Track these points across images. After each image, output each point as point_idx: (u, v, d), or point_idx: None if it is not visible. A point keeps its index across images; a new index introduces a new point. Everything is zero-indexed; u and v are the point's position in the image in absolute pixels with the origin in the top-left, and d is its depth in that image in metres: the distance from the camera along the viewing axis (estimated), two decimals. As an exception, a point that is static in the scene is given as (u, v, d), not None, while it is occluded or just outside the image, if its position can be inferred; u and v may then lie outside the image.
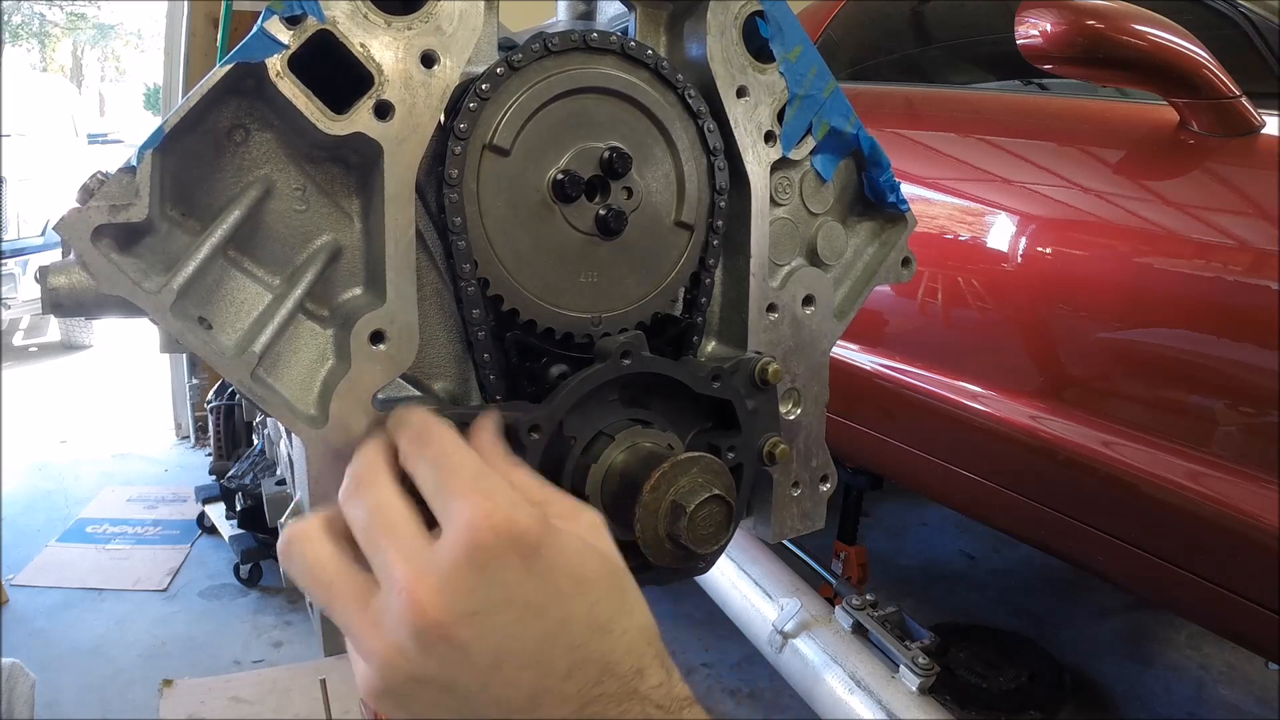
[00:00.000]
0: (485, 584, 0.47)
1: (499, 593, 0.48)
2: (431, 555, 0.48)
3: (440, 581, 0.47)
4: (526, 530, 0.48)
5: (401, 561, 0.48)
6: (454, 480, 0.50)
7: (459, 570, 0.47)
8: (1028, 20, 1.46)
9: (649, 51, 0.72)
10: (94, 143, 9.83)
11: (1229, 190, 1.49)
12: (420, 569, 0.47)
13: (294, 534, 0.53)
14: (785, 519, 0.87)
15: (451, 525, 0.48)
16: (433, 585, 0.47)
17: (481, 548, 0.47)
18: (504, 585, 0.48)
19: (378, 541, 0.50)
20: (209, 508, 3.53)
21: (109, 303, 0.58)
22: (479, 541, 0.47)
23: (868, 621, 1.82)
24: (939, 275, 1.87)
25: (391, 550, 0.49)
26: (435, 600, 0.46)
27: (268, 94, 0.61)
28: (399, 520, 0.50)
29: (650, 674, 0.50)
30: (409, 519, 0.50)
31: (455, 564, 0.47)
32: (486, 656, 0.47)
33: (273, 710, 2.50)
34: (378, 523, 0.50)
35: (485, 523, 0.47)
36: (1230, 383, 1.44)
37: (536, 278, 0.70)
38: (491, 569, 0.47)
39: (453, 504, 0.49)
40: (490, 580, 0.47)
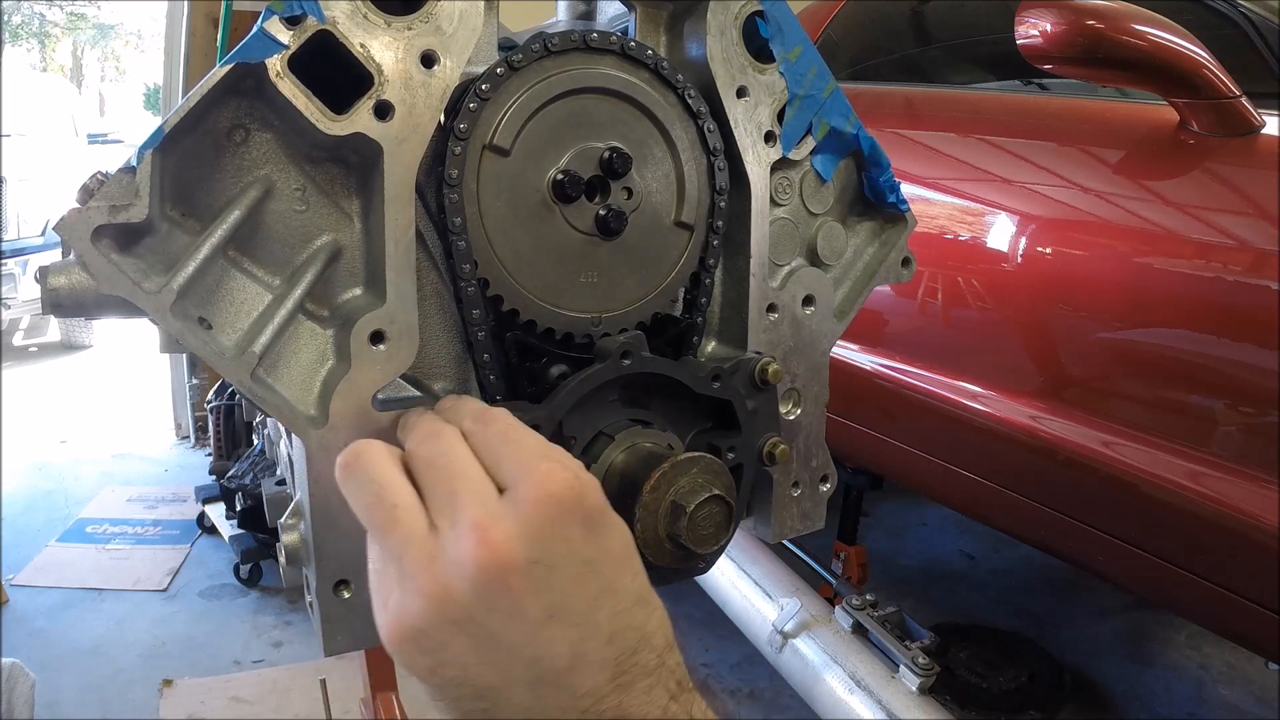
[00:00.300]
0: (552, 538, 0.48)
1: (563, 548, 0.49)
2: (505, 504, 0.49)
3: (512, 527, 0.48)
4: (592, 494, 0.51)
5: (476, 504, 0.49)
6: (522, 448, 0.52)
7: (530, 520, 0.48)
8: (1028, 20, 1.46)
9: (649, 52, 0.72)
10: (94, 143, 9.83)
11: (1229, 190, 1.49)
12: (494, 514, 0.48)
13: (363, 449, 0.52)
14: (785, 519, 0.87)
15: (524, 482, 0.49)
16: (504, 530, 0.47)
17: (554, 502, 0.49)
18: (568, 542, 0.49)
19: (453, 485, 0.50)
20: (209, 508, 3.53)
21: (109, 303, 0.58)
22: (553, 496, 0.49)
23: (868, 621, 1.82)
24: (939, 275, 1.87)
25: (465, 491, 0.49)
26: (504, 545, 0.47)
27: (268, 94, 0.61)
28: (473, 469, 0.51)
29: (675, 651, 0.52)
30: (480, 472, 0.51)
31: (527, 513, 0.48)
32: (538, 609, 0.47)
33: (273, 710, 2.50)
34: (454, 468, 0.51)
35: (560, 480, 0.49)
36: (1230, 383, 1.44)
37: (536, 278, 0.70)
38: (559, 525, 0.49)
39: (524, 467, 0.50)
40: (556, 536, 0.49)
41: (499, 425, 0.55)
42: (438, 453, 0.52)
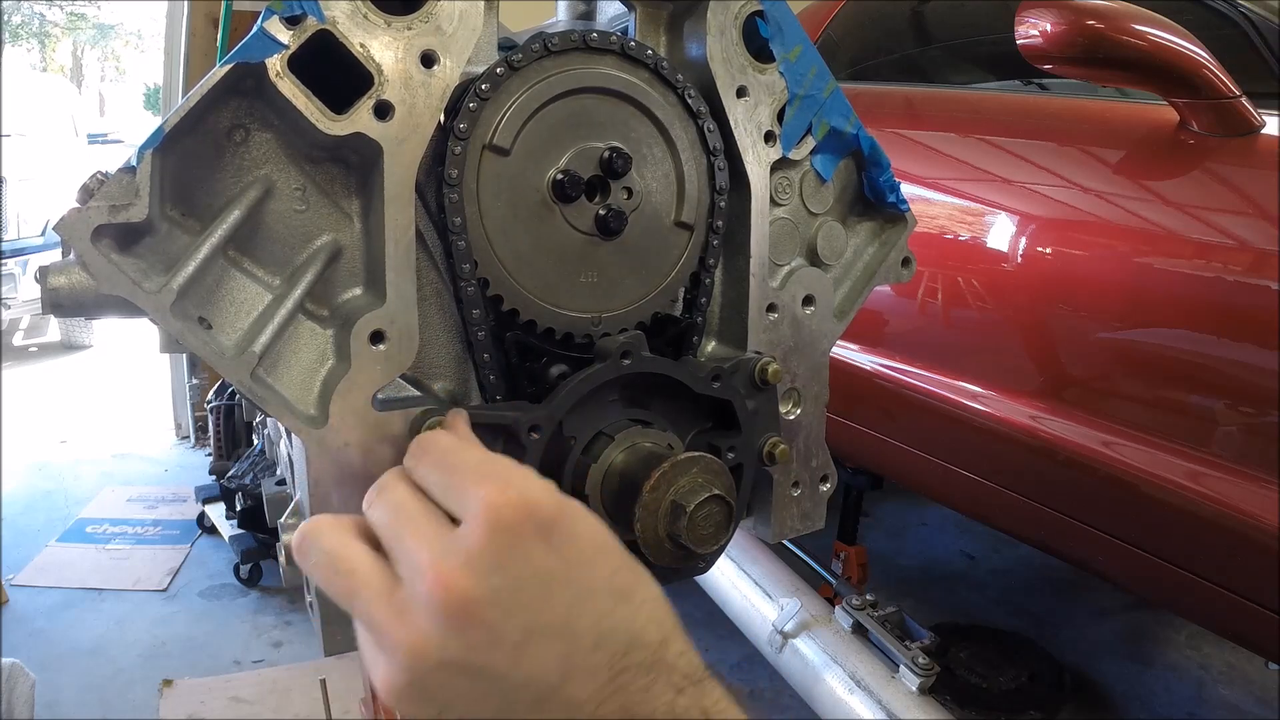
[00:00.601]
0: (509, 560, 0.48)
1: (522, 567, 0.48)
2: (454, 539, 0.49)
3: (464, 561, 0.47)
4: (542, 503, 0.50)
5: (425, 547, 0.48)
6: (462, 472, 0.51)
7: (482, 549, 0.47)
8: (1028, 20, 1.46)
9: (649, 51, 0.72)
10: (94, 143, 9.83)
11: (1229, 190, 1.49)
12: (444, 551, 0.48)
13: (310, 527, 0.53)
14: (785, 519, 0.87)
15: (469, 510, 0.49)
16: (456, 565, 0.47)
17: (501, 525, 0.48)
18: (526, 559, 0.48)
19: (400, 533, 0.50)
20: (209, 508, 3.53)
21: (109, 303, 0.58)
22: (499, 519, 0.48)
23: (868, 621, 1.82)
24: (939, 275, 1.87)
25: (414, 538, 0.49)
26: (460, 580, 0.47)
27: (268, 94, 0.61)
28: (418, 513, 0.51)
29: (673, 642, 0.50)
30: (428, 511, 0.51)
31: (478, 543, 0.48)
32: (515, 633, 0.47)
33: (273, 710, 2.50)
34: (399, 517, 0.51)
35: (502, 501, 0.48)
36: (1230, 383, 1.44)
37: (536, 278, 0.70)
38: (513, 545, 0.48)
39: (466, 493, 0.50)
40: (513, 556, 0.48)
41: (436, 453, 0.54)
42: (385, 506, 0.52)
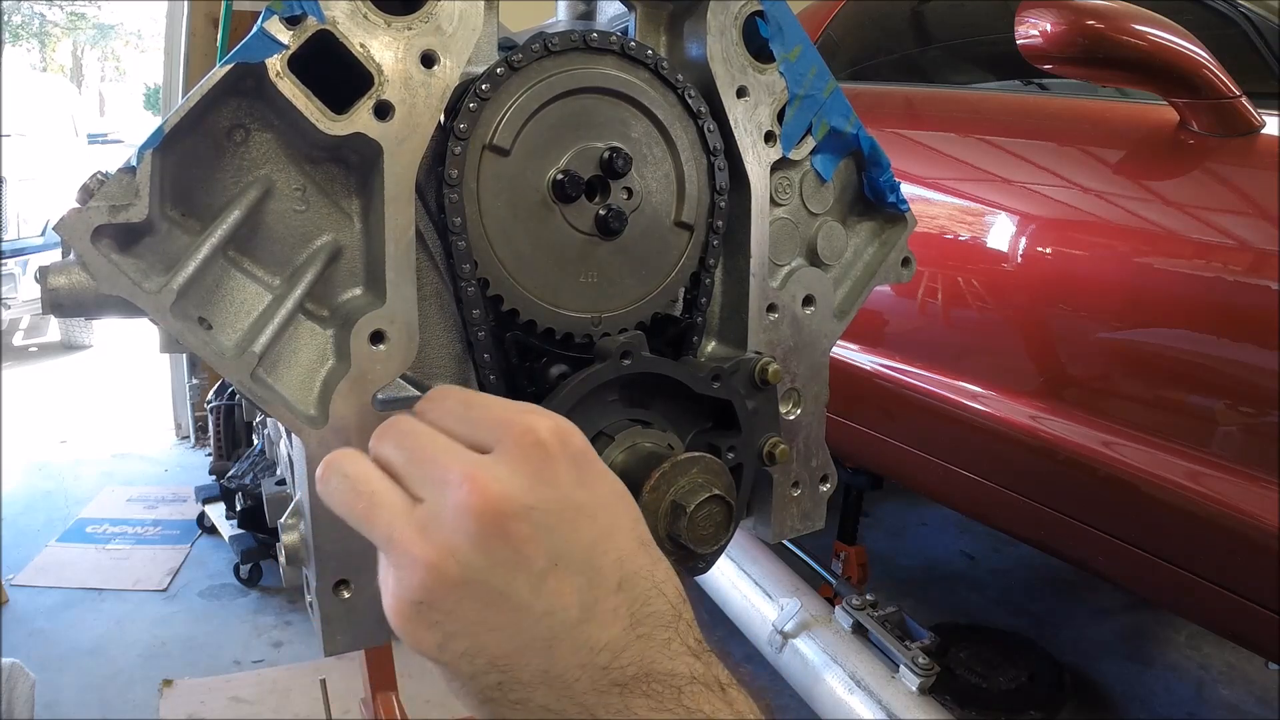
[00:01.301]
0: (542, 482, 0.47)
1: (555, 491, 0.47)
2: (486, 459, 0.47)
3: (503, 471, 0.46)
4: (576, 439, 0.49)
5: (459, 461, 0.47)
6: (490, 410, 0.50)
7: (519, 466, 0.47)
8: (1028, 20, 1.46)
9: (649, 52, 0.72)
10: (94, 143, 9.83)
11: (1229, 190, 1.49)
12: (481, 462, 0.47)
13: (333, 456, 0.51)
14: (785, 519, 0.87)
15: (506, 435, 0.48)
16: (496, 474, 0.46)
17: (539, 447, 0.47)
18: (559, 485, 0.47)
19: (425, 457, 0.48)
20: (209, 508, 3.53)
21: (109, 303, 0.58)
22: (536, 440, 0.47)
23: (868, 621, 1.82)
24: (939, 275, 1.87)
25: (444, 455, 0.48)
26: (498, 489, 0.45)
27: (268, 94, 0.61)
28: (441, 439, 0.49)
29: (689, 606, 0.50)
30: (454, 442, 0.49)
31: (515, 460, 0.47)
32: (541, 558, 0.46)
33: (273, 710, 2.50)
34: (422, 445, 0.49)
35: (543, 428, 0.48)
36: (1230, 383, 1.44)
37: (536, 278, 0.70)
38: (548, 469, 0.47)
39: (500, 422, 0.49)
40: (546, 480, 0.47)
41: (456, 396, 0.53)
42: (402, 436, 0.50)
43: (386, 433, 0.51)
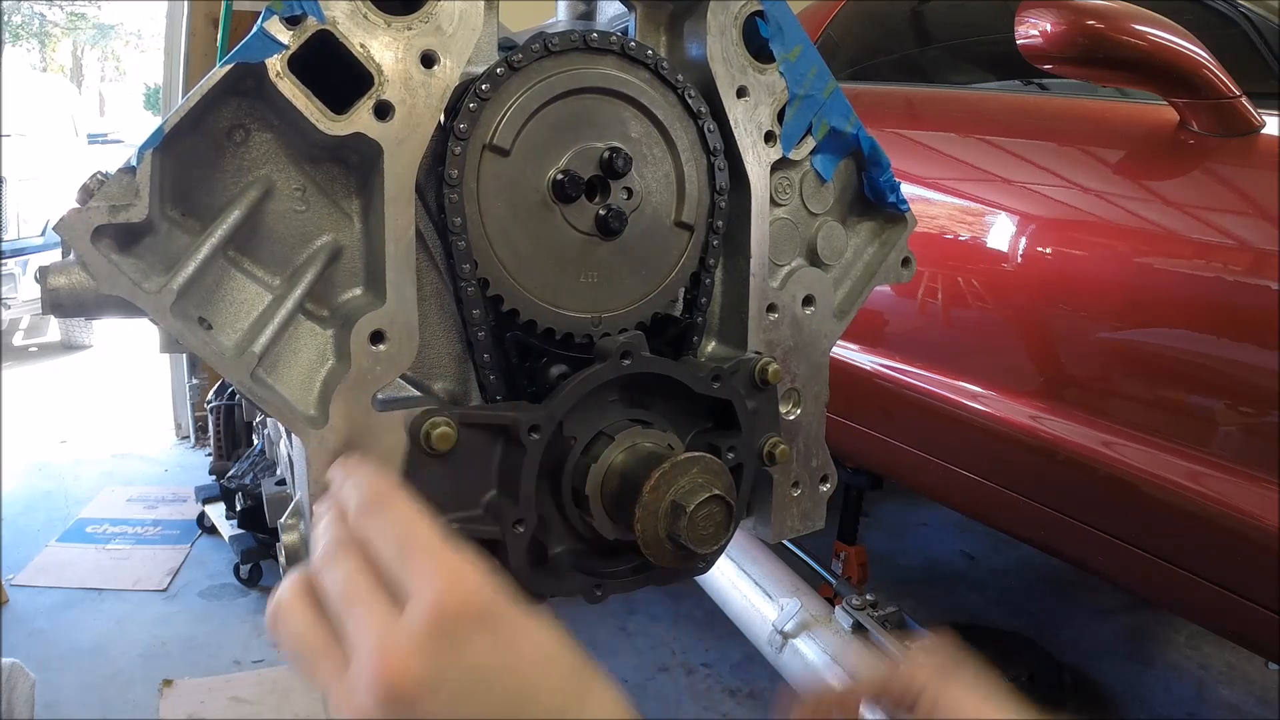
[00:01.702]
0: (450, 652, 0.47)
1: (464, 661, 0.48)
2: (399, 624, 0.49)
3: (405, 650, 0.47)
4: (492, 602, 0.49)
5: (369, 629, 0.49)
6: (418, 555, 0.51)
7: (424, 639, 0.47)
8: (1028, 20, 1.46)
9: (649, 52, 0.72)
10: (94, 143, 9.83)
11: (1229, 190, 1.49)
12: (386, 638, 0.48)
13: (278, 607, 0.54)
14: (785, 519, 0.87)
15: (418, 595, 0.49)
16: (398, 651, 0.47)
17: (447, 617, 0.48)
18: (469, 654, 0.48)
19: (349, 610, 0.51)
20: (209, 508, 3.53)
21: (109, 303, 0.58)
22: (445, 611, 0.48)
23: (868, 621, 1.82)
24: (939, 275, 1.87)
25: (362, 617, 0.50)
26: (400, 668, 0.47)
27: (268, 94, 0.61)
28: (366, 591, 0.51)
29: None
30: (375, 590, 0.51)
31: (421, 633, 0.48)
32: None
33: (273, 710, 2.50)
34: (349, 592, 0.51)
35: (451, 592, 0.48)
36: (1230, 383, 1.44)
37: (536, 278, 0.70)
38: (457, 638, 0.48)
39: (418, 575, 0.50)
40: (455, 649, 0.48)
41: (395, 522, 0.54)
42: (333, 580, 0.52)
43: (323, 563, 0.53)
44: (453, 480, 0.68)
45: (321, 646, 0.51)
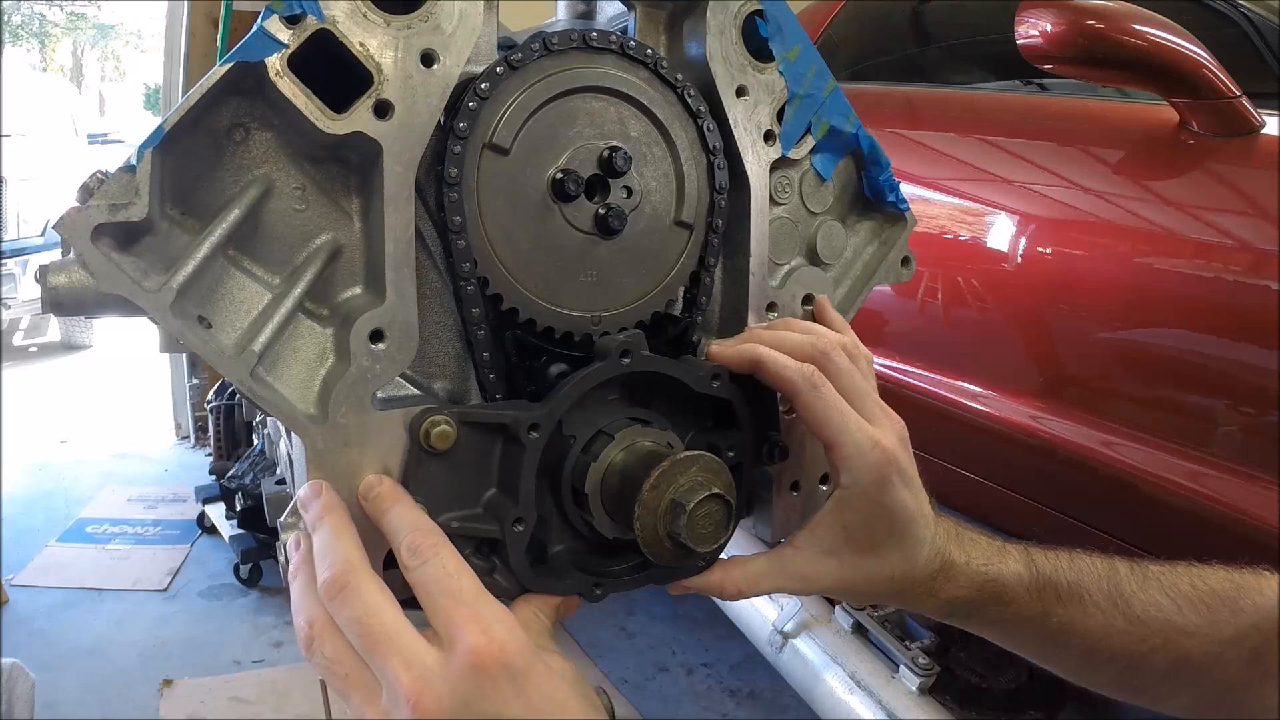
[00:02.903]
0: (479, 699, 0.52)
1: (490, 708, 0.52)
2: (434, 668, 0.53)
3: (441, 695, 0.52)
4: (520, 655, 0.54)
5: (405, 671, 0.52)
6: (457, 604, 0.55)
7: (458, 687, 0.52)
8: (1028, 20, 1.46)
9: (648, 51, 0.72)
10: (94, 143, 9.83)
11: (1229, 190, 1.49)
12: (423, 681, 0.52)
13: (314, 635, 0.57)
14: (785, 519, 0.87)
15: (454, 645, 0.53)
16: (434, 698, 0.51)
17: (480, 666, 0.52)
18: (495, 702, 0.52)
19: (378, 648, 0.54)
20: (209, 508, 3.53)
21: (109, 302, 0.58)
22: (479, 664, 0.52)
23: (868, 621, 1.82)
24: (939, 275, 1.87)
25: (394, 658, 0.53)
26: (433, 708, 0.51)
27: (267, 93, 0.61)
28: (394, 627, 0.54)
29: None
30: (404, 626, 0.55)
31: (455, 676, 0.52)
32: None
33: (273, 710, 2.50)
34: (374, 629, 0.54)
35: (486, 648, 0.53)
36: (1230, 383, 1.44)
37: (536, 277, 0.70)
38: (487, 688, 0.52)
39: (455, 625, 0.54)
40: (483, 697, 0.52)
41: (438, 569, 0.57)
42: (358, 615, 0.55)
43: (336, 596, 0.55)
44: (452, 479, 0.68)
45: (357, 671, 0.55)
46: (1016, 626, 0.75)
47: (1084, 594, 0.73)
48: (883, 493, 0.69)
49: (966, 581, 0.73)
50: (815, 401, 0.69)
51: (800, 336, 0.73)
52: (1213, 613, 0.73)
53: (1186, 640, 0.72)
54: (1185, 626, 0.73)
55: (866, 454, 0.68)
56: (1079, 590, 0.73)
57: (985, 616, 0.75)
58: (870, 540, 0.71)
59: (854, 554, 0.72)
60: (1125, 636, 0.73)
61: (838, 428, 0.69)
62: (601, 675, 2.62)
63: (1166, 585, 0.74)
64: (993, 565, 0.73)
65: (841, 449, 0.69)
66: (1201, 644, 0.72)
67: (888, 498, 0.69)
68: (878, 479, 0.69)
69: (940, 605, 0.74)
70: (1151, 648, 0.73)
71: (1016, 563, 0.74)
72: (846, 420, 0.69)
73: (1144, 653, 0.73)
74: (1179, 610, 0.73)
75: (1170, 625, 0.72)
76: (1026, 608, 0.73)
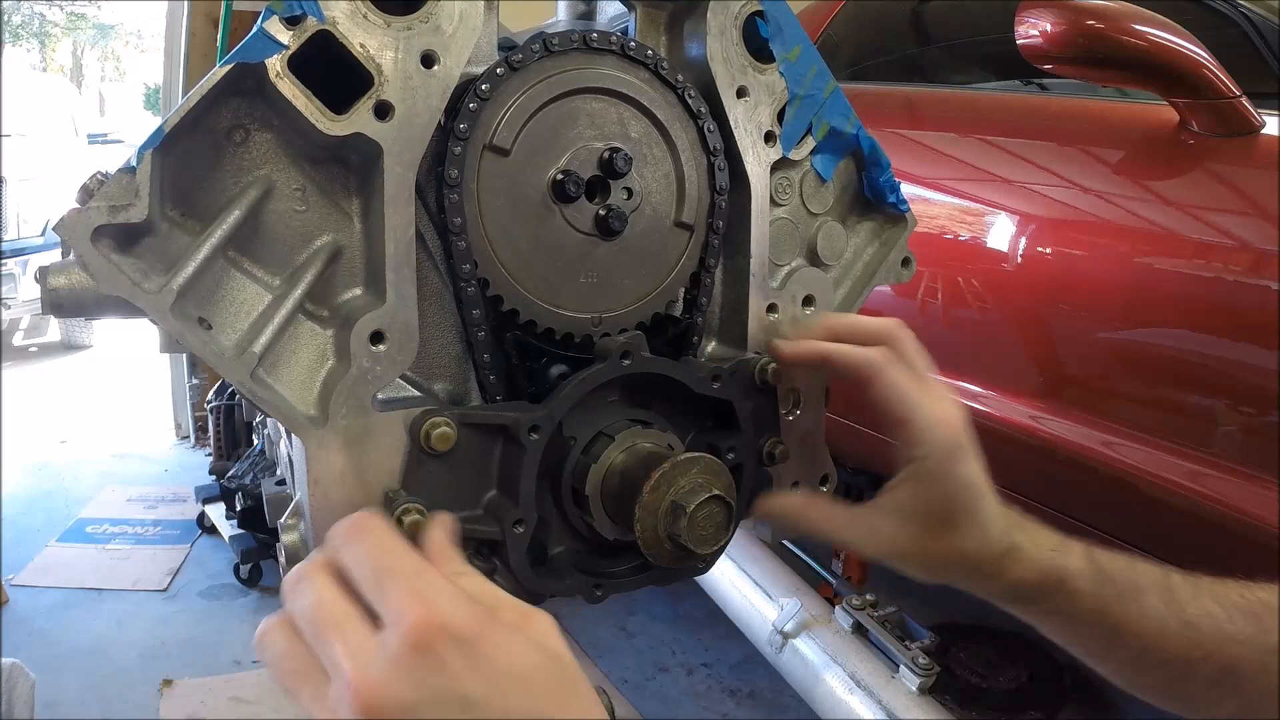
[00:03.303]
0: (426, 678, 0.48)
1: (439, 687, 0.49)
2: (373, 651, 0.49)
3: (381, 677, 0.48)
4: (465, 626, 0.50)
5: (346, 657, 0.49)
6: (392, 578, 0.52)
7: (399, 666, 0.48)
8: (1028, 20, 1.46)
9: (649, 52, 0.72)
10: (94, 143, 9.82)
11: (1229, 190, 1.49)
12: (363, 664, 0.49)
13: (263, 631, 0.55)
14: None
15: (393, 620, 0.50)
16: (374, 681, 0.48)
17: (421, 644, 0.49)
18: (444, 679, 0.49)
19: (322, 637, 0.51)
20: (209, 508, 3.53)
21: (109, 303, 0.58)
22: (419, 638, 0.49)
23: (868, 621, 1.82)
24: (939, 275, 1.87)
25: (336, 645, 0.50)
26: (376, 689, 0.48)
27: (268, 94, 0.61)
28: (340, 615, 0.52)
29: None
30: (349, 613, 0.52)
31: (396, 660, 0.48)
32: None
33: (273, 710, 2.50)
34: (320, 618, 0.52)
35: (425, 619, 0.49)
36: (1230, 383, 1.44)
37: (536, 278, 0.70)
38: (432, 663, 0.49)
39: (392, 602, 0.51)
40: (431, 674, 0.49)
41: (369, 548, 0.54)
42: (307, 605, 0.53)
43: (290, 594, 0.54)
44: (452, 480, 0.68)
45: (304, 667, 0.52)
46: (1076, 620, 0.76)
47: (1141, 595, 0.74)
48: (956, 465, 0.72)
49: (1032, 566, 0.74)
50: (895, 378, 0.72)
51: (871, 320, 0.77)
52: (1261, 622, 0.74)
53: (1236, 648, 0.73)
54: (1235, 634, 0.73)
55: (939, 427, 0.71)
56: (1136, 588, 0.74)
57: (1048, 605, 0.76)
58: (946, 512, 0.73)
59: (929, 524, 0.73)
60: (1178, 641, 0.73)
61: (914, 402, 0.72)
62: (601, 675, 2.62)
63: (1217, 595, 0.75)
64: (1058, 554, 0.75)
65: (916, 423, 0.72)
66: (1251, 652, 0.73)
67: (961, 470, 0.72)
68: (951, 451, 0.71)
69: (1006, 588, 0.75)
70: (1204, 654, 0.73)
71: (1079, 556, 0.76)
72: (922, 395, 0.72)
73: (1196, 659, 0.73)
74: (1229, 619, 0.74)
75: (1221, 632, 0.73)
76: (1087, 601, 0.74)
